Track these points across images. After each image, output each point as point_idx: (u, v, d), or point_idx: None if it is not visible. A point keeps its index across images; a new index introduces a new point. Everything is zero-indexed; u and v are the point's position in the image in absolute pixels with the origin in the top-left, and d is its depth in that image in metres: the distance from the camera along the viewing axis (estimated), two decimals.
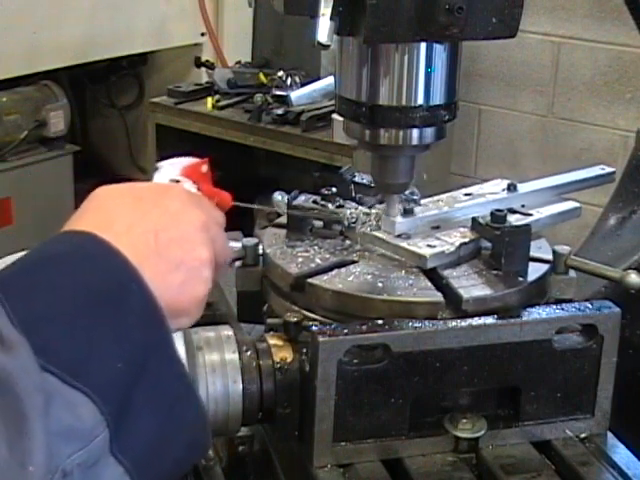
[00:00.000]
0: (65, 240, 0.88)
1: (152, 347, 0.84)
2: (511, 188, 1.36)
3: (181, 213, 0.94)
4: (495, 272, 1.19)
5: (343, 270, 1.21)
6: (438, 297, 1.14)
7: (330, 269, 1.21)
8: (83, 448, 0.76)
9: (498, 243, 1.19)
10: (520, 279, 1.17)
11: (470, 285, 1.16)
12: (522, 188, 1.37)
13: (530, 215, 1.30)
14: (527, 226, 1.20)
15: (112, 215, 0.91)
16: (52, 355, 0.77)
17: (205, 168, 1.11)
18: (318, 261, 1.24)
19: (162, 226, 0.91)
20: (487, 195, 1.35)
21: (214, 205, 1.04)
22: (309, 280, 1.18)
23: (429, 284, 1.17)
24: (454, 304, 1.13)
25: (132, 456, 0.80)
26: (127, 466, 0.80)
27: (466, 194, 1.36)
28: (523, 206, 1.32)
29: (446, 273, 1.19)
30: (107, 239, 0.86)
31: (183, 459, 0.89)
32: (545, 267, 1.21)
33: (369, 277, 1.19)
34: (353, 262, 1.23)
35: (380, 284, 1.18)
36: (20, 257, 0.85)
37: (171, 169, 1.10)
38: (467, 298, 1.13)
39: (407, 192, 1.33)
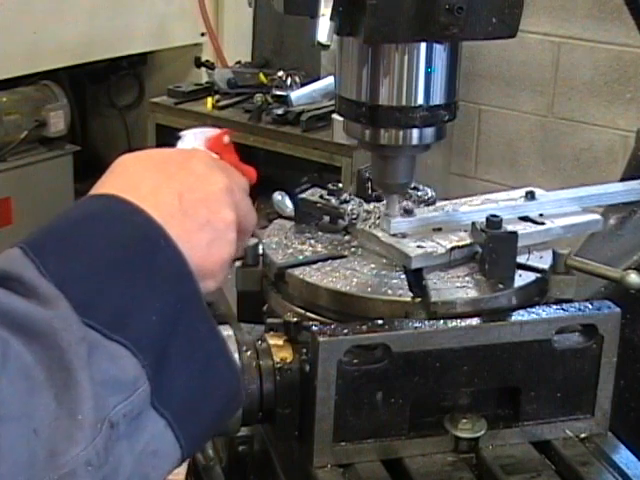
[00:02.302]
0: (89, 203, 0.89)
1: (183, 301, 0.84)
2: (528, 196, 1.32)
3: (206, 175, 0.95)
4: (480, 277, 1.18)
5: (327, 264, 1.22)
6: (405, 297, 1.14)
7: (314, 262, 1.22)
8: (127, 399, 0.77)
9: (484, 248, 1.19)
10: (500, 286, 1.16)
11: (446, 288, 1.16)
12: (545, 197, 1.33)
13: (542, 224, 1.27)
14: (513, 233, 1.18)
15: (137, 178, 0.92)
16: (90, 310, 0.78)
17: (227, 139, 1.12)
18: (308, 254, 1.25)
19: (187, 187, 0.92)
20: (500, 202, 1.32)
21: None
22: (288, 271, 1.20)
23: (404, 283, 1.17)
24: (425, 305, 1.14)
25: (172, 409, 0.81)
26: (168, 419, 0.81)
27: (486, 200, 1.34)
28: (541, 215, 1.29)
29: (432, 275, 1.19)
30: (132, 200, 0.87)
31: (219, 413, 0.90)
32: (532, 276, 1.19)
33: (347, 272, 1.20)
34: (342, 257, 1.24)
35: (354, 280, 1.18)
36: (48, 221, 0.86)
37: (193, 138, 1.11)
38: (435, 300, 1.13)
39: (423, 193, 1.34)
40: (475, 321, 1.11)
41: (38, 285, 0.78)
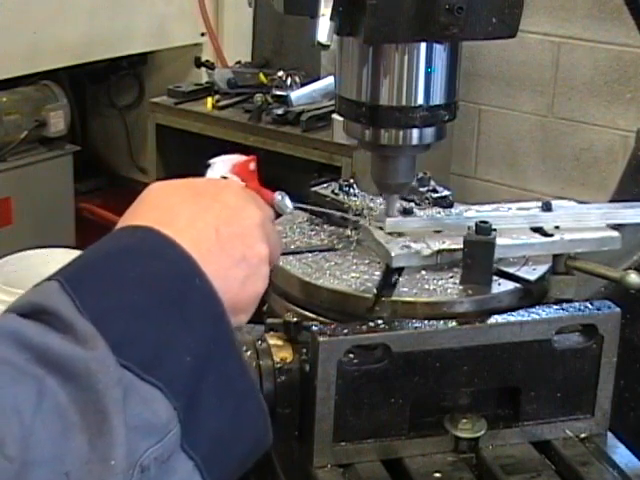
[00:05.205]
0: (126, 235, 0.87)
1: (216, 342, 0.83)
2: (544, 207, 1.29)
3: (240, 209, 0.94)
4: (456, 281, 1.18)
5: (312, 254, 1.24)
6: (367, 293, 1.15)
7: (300, 252, 1.24)
8: (158, 443, 0.76)
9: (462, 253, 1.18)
10: (469, 292, 1.16)
11: (416, 289, 1.16)
12: (563, 209, 1.29)
13: (550, 236, 1.23)
14: (490, 239, 1.16)
15: (172, 210, 0.90)
16: (125, 349, 0.76)
17: (253, 166, 1.12)
18: (300, 244, 1.27)
19: (223, 221, 0.91)
20: (512, 210, 1.30)
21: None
22: None
23: (374, 280, 1.18)
24: (386, 304, 1.14)
25: (201, 451, 0.80)
26: (197, 461, 0.80)
27: (501, 207, 1.32)
28: (557, 227, 1.25)
29: (412, 275, 1.19)
30: (169, 234, 0.85)
31: (247, 454, 0.88)
32: (511, 286, 1.18)
33: (326, 264, 1.21)
34: (332, 249, 1.25)
35: (328, 272, 1.19)
36: (80, 254, 0.85)
37: (222, 166, 1.11)
38: (396, 300, 1.13)
39: (440, 195, 1.34)
40: (475, 321, 1.11)
41: (76, 322, 0.76)
